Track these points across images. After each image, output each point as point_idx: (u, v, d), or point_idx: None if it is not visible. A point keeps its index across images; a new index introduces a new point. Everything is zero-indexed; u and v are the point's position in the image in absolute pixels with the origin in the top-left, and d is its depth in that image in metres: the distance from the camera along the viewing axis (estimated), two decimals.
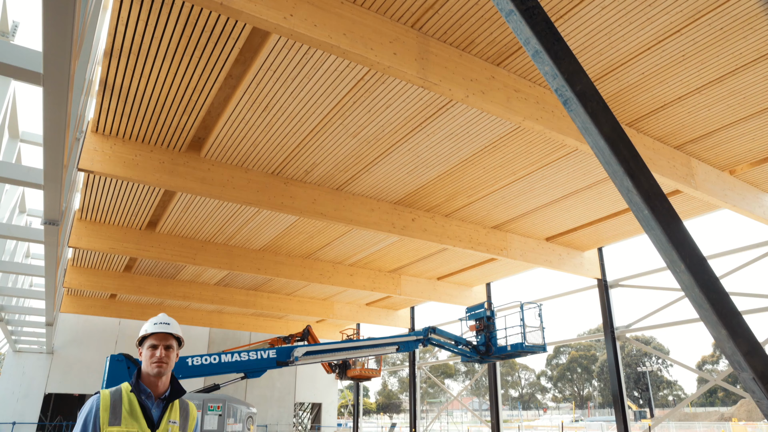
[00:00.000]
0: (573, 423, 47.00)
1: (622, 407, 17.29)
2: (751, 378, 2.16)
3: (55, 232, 9.13)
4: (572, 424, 44.20)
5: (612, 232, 17.01)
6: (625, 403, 17.44)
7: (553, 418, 54.77)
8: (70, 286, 19.37)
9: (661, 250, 1.94)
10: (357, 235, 16.84)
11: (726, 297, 2.11)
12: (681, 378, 74.48)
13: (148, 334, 2.55)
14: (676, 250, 1.88)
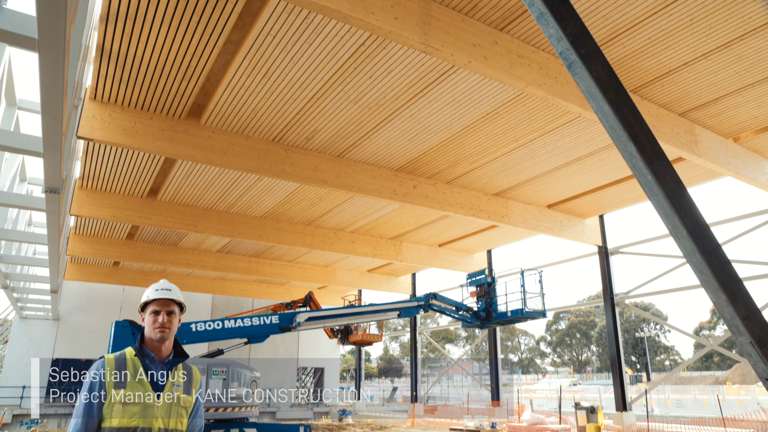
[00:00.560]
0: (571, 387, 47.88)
1: (620, 372, 17.57)
2: (749, 342, 2.19)
3: (56, 200, 9.13)
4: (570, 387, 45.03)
5: (614, 199, 16.98)
6: (623, 368, 17.73)
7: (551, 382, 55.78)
8: (74, 254, 19.48)
9: (664, 216, 1.94)
10: (358, 202, 16.83)
11: (726, 263, 2.11)
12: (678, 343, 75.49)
13: (150, 300, 2.57)
14: (679, 216, 1.88)
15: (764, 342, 2.20)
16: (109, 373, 2.39)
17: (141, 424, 2.33)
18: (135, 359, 2.48)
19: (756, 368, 2.38)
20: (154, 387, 2.44)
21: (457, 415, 22.95)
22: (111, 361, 2.44)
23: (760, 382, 44.14)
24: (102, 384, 2.36)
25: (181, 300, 2.64)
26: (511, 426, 17.62)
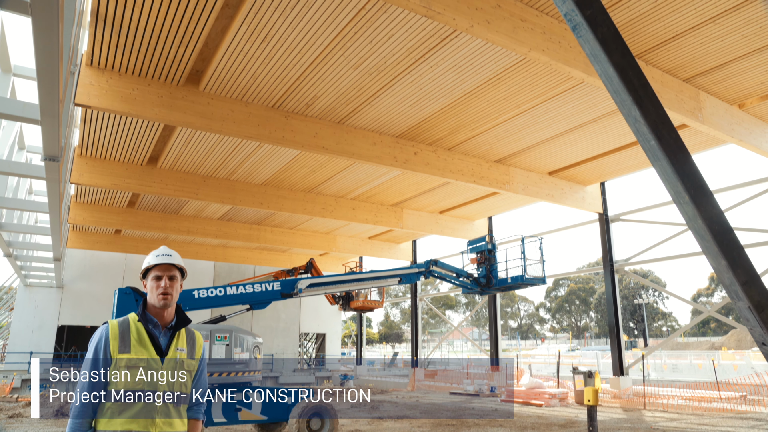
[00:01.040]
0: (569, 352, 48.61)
1: (618, 337, 17.81)
2: (747, 307, 2.21)
3: (55, 169, 9.10)
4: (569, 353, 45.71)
5: (615, 166, 16.91)
6: (621, 334, 17.96)
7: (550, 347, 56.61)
8: (75, 222, 19.53)
9: (666, 182, 1.92)
10: (359, 168, 16.78)
11: (728, 229, 2.11)
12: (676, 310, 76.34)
13: (152, 266, 2.59)
14: (682, 181, 1.86)
15: (762, 307, 2.21)
16: (113, 339, 2.42)
17: (146, 387, 2.37)
18: (138, 324, 2.50)
19: (753, 333, 2.41)
20: (157, 351, 2.47)
21: (456, 380, 23.37)
22: (114, 326, 2.46)
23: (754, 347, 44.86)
24: (107, 349, 2.40)
25: (182, 265, 2.65)
26: (510, 390, 17.96)
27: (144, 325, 2.50)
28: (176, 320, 2.59)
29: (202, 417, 2.63)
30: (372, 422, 12.61)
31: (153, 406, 2.37)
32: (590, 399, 2.70)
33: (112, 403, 2.33)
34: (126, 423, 2.31)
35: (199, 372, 2.63)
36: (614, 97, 2.00)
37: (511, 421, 12.79)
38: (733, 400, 15.25)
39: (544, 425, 12.08)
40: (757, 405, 14.61)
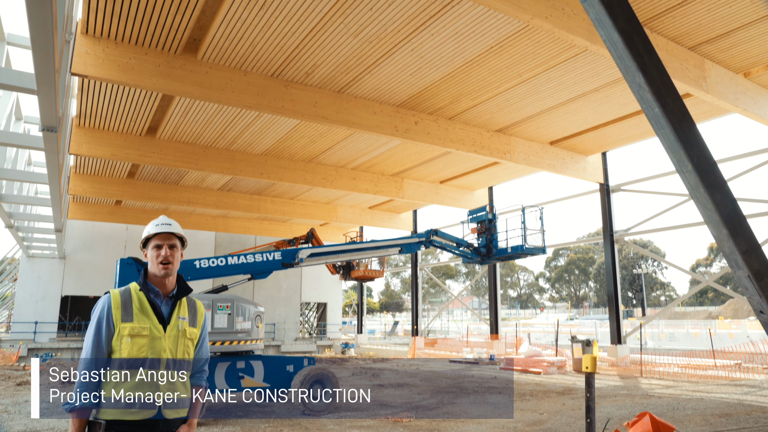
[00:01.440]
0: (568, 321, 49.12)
1: (617, 307, 17.97)
2: (747, 276, 2.21)
3: (54, 139, 9.04)
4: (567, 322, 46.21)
5: (617, 136, 16.80)
6: (619, 303, 18.12)
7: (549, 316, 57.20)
8: (75, 193, 19.52)
9: (670, 150, 1.90)
10: (359, 138, 16.68)
11: (730, 197, 2.10)
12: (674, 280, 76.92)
13: (151, 235, 2.59)
14: (685, 149, 1.84)
15: (762, 276, 2.22)
16: (116, 308, 2.44)
17: (150, 355, 2.40)
18: (140, 294, 2.52)
19: (752, 301, 2.42)
20: (159, 320, 2.49)
21: (456, 348, 23.70)
22: (116, 296, 2.48)
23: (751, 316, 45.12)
24: (109, 318, 2.41)
25: (181, 234, 2.65)
26: (509, 358, 18.21)
27: (146, 294, 2.52)
28: (177, 289, 2.61)
29: (204, 383, 2.67)
30: (373, 389, 12.83)
31: (157, 374, 2.40)
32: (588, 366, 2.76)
33: (116, 371, 2.36)
34: (131, 389, 2.34)
35: (200, 340, 2.66)
36: (618, 63, 1.97)
37: (509, 388, 13.01)
38: (728, 367, 15.48)
39: (542, 392, 12.29)
40: (751, 372, 14.83)
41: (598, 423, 7.10)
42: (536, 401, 10.97)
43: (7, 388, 12.22)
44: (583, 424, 8.21)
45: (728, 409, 9.70)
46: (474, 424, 8.62)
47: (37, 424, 8.31)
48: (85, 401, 2.29)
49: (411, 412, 9.76)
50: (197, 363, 2.65)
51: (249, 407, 10.28)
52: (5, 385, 12.79)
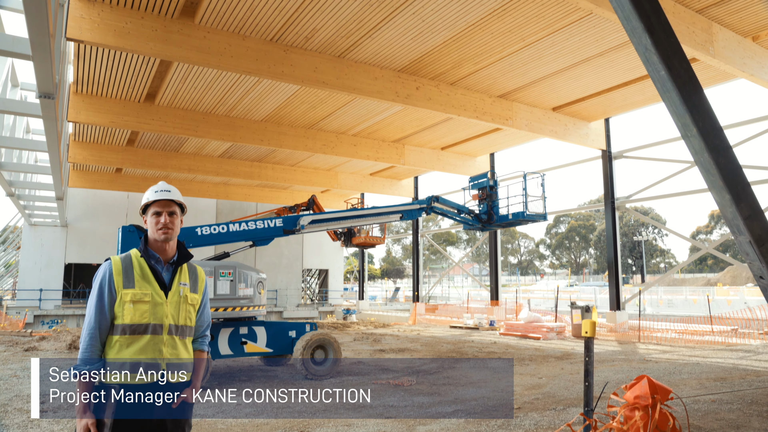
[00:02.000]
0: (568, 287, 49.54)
1: (616, 273, 18.08)
2: (748, 241, 2.21)
3: (51, 106, 8.96)
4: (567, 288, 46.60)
5: (621, 102, 16.60)
6: (619, 270, 18.22)
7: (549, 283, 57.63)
8: (75, 161, 19.46)
9: (675, 114, 1.87)
10: (360, 104, 16.51)
11: (734, 162, 2.08)
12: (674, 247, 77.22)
13: (151, 202, 2.58)
14: (690, 113, 1.81)
15: (763, 241, 2.21)
16: (117, 274, 2.44)
17: (152, 321, 2.42)
18: (141, 260, 2.52)
19: (752, 267, 2.42)
20: (161, 286, 2.50)
21: (457, 314, 23.97)
22: (117, 262, 2.48)
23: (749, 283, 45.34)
24: (111, 284, 2.42)
25: (181, 201, 2.64)
26: (508, 324, 18.42)
27: (146, 261, 2.52)
28: (178, 256, 2.61)
29: (207, 348, 2.71)
30: (374, 354, 13.03)
31: (160, 339, 2.42)
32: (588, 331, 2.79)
33: (119, 336, 2.38)
34: (135, 354, 2.37)
35: (202, 306, 2.68)
36: (625, 24, 1.92)
37: (509, 353, 13.20)
38: (724, 333, 15.66)
39: (541, 357, 12.47)
40: (747, 338, 15.02)
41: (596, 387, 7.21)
42: (535, 366, 11.15)
43: (15, 354, 12.42)
44: (580, 387, 8.36)
45: (723, 373, 9.85)
46: (474, 387, 8.78)
47: (45, 387, 8.46)
48: (90, 366, 2.32)
49: (412, 376, 9.93)
50: (199, 328, 2.67)
51: (252, 372, 10.46)
52: (13, 350, 13.00)
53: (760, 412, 6.73)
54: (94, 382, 2.35)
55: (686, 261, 20.96)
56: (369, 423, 6.31)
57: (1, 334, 16.37)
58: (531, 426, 6.12)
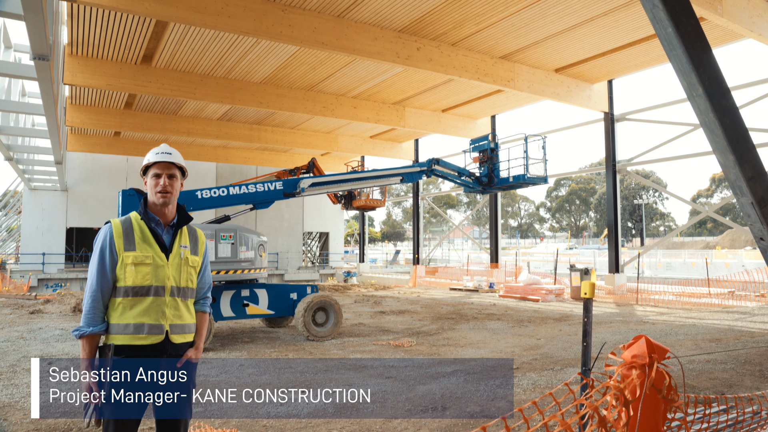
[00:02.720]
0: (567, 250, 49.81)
1: (616, 236, 18.15)
2: (750, 203, 2.20)
3: (46, 68, 8.82)
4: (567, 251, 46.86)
5: (625, 63, 16.34)
6: (619, 233, 18.28)
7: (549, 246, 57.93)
8: (73, 125, 19.30)
9: (681, 73, 1.83)
10: (360, 65, 16.26)
11: (739, 123, 2.05)
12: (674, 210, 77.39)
13: (151, 164, 2.56)
14: (697, 72, 1.77)
15: (765, 203, 2.20)
16: (117, 237, 2.45)
17: (154, 283, 2.43)
18: (141, 222, 2.52)
19: (753, 228, 2.42)
20: (162, 249, 2.51)
21: (457, 276, 24.18)
22: (117, 225, 2.48)
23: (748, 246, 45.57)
24: (112, 247, 2.43)
25: (181, 163, 2.62)
26: (508, 286, 18.60)
27: (146, 223, 2.52)
28: (178, 218, 2.61)
29: (208, 310, 2.74)
30: (375, 316, 13.20)
31: (162, 300, 2.44)
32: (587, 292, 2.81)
33: (122, 299, 2.40)
34: (137, 317, 2.40)
35: (202, 268, 2.71)
36: None
37: (508, 315, 13.37)
38: (721, 295, 15.83)
39: (539, 318, 12.64)
40: (743, 300, 15.19)
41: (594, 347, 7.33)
42: (534, 327, 11.31)
43: (21, 316, 12.59)
44: (578, 348, 8.50)
45: (719, 334, 10.00)
46: (473, 348, 8.92)
47: (52, 349, 8.61)
48: (93, 327, 2.35)
49: (412, 337, 10.08)
50: (200, 290, 2.70)
51: (254, 334, 10.62)
52: (19, 313, 13.17)
53: (753, 372, 6.86)
54: (98, 343, 2.39)
55: (686, 224, 21.04)
56: (370, 383, 6.44)
57: (6, 298, 16.56)
58: (529, 385, 6.25)
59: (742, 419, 3.30)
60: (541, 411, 1.74)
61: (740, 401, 3.39)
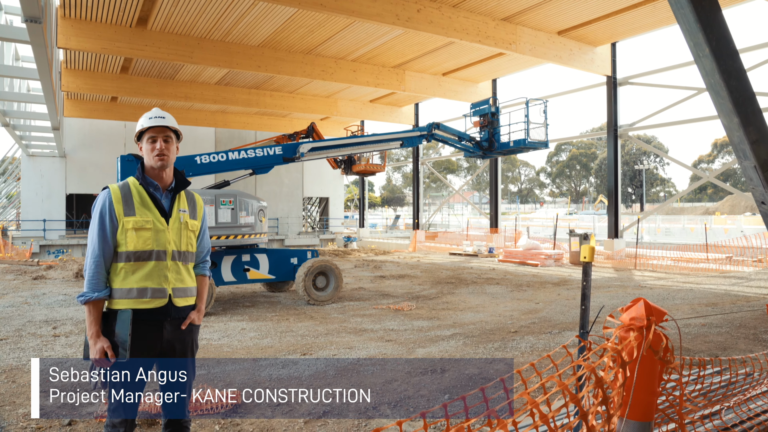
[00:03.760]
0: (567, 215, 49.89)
1: (616, 201, 18.15)
2: (753, 166, 2.18)
3: (39, 31, 8.64)
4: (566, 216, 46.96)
5: (629, 25, 16.02)
6: (619, 198, 18.28)
7: (548, 211, 57.97)
8: (69, 90, 19.07)
9: (687, 33, 1.79)
10: (359, 28, 15.96)
11: (746, 85, 2.01)
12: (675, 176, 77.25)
13: (145, 129, 2.54)
14: (704, 31, 1.73)
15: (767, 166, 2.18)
16: (116, 202, 2.44)
17: (156, 247, 2.44)
18: (139, 187, 2.51)
19: (754, 192, 2.41)
20: (161, 213, 2.51)
21: (456, 241, 24.28)
22: (116, 190, 2.47)
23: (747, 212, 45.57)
24: (111, 212, 2.42)
25: (176, 127, 2.60)
26: (507, 251, 18.70)
27: (145, 188, 2.52)
28: (176, 183, 2.60)
29: (208, 273, 2.77)
30: (375, 280, 13.30)
31: (164, 265, 2.45)
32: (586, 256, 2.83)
33: (124, 263, 2.41)
34: (140, 281, 2.41)
35: (201, 232, 2.72)
36: None
37: (507, 279, 13.47)
38: (719, 260, 15.92)
39: (538, 283, 12.75)
40: (740, 265, 15.28)
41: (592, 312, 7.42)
42: (532, 291, 11.41)
43: (25, 282, 12.69)
44: (576, 312, 8.60)
45: (715, 298, 10.10)
46: (472, 312, 9.02)
47: (56, 314, 8.71)
48: (98, 293, 2.36)
49: (411, 301, 10.19)
50: (200, 254, 2.72)
51: (255, 298, 10.73)
52: (23, 279, 13.27)
53: (747, 335, 6.96)
54: (103, 308, 2.40)
55: (686, 190, 20.95)
56: (370, 346, 6.53)
57: (9, 264, 16.67)
58: (527, 348, 6.34)
59: (735, 380, 3.36)
60: (539, 373, 1.77)
61: (734, 363, 3.44)
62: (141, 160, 2.58)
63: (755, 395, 3.62)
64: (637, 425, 1.71)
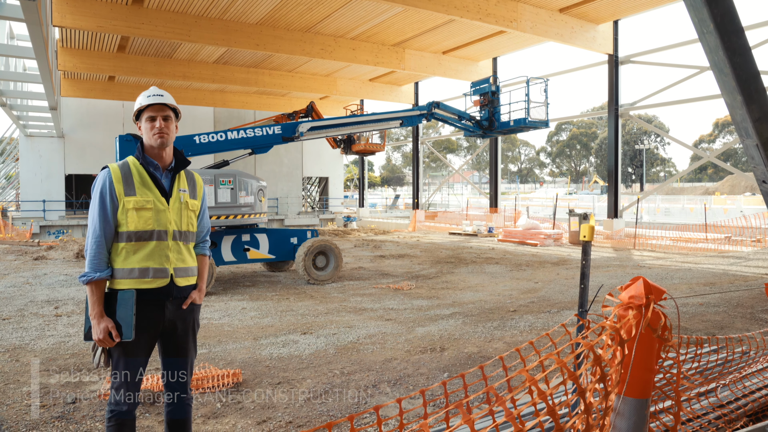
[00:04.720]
0: (567, 195, 49.85)
1: (616, 181, 18.12)
2: (755, 145, 2.17)
3: (33, 8, 8.53)
4: (566, 196, 46.91)
5: (631, 2, 15.86)
6: (619, 178, 18.24)
7: (548, 191, 57.90)
8: (65, 69, 18.89)
9: (691, 8, 1.76)
10: (359, 4, 15.76)
11: (750, 62, 1.99)
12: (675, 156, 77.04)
13: (144, 107, 2.51)
14: (709, 6, 1.70)
15: None
16: (117, 182, 2.42)
17: (156, 227, 2.43)
18: (139, 167, 2.50)
19: (756, 171, 2.40)
20: (162, 193, 2.49)
21: (456, 221, 24.30)
22: (116, 170, 2.46)
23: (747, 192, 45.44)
24: (112, 192, 2.41)
25: (174, 105, 2.57)
26: (507, 231, 18.72)
27: (145, 168, 2.50)
28: (175, 162, 2.59)
29: (208, 252, 2.77)
30: (374, 260, 13.34)
31: (165, 245, 2.45)
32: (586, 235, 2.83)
33: (125, 243, 2.40)
34: (142, 261, 2.40)
35: (201, 211, 2.71)
36: None
37: (506, 259, 13.51)
38: (717, 240, 15.95)
39: (537, 262, 12.78)
40: (739, 245, 15.31)
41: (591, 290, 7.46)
42: (532, 271, 11.45)
43: (26, 263, 12.73)
44: (575, 292, 8.64)
45: (713, 278, 10.14)
46: (471, 291, 9.07)
47: (58, 294, 8.75)
48: (101, 273, 2.36)
49: (411, 280, 10.23)
50: (200, 234, 2.72)
51: (255, 278, 10.77)
52: (23, 259, 13.30)
53: (744, 314, 7.00)
54: (105, 288, 2.40)
55: (686, 169, 20.90)
56: (370, 325, 6.57)
57: (9, 244, 16.70)
58: (526, 327, 6.38)
59: (732, 359, 3.40)
60: (538, 351, 1.78)
61: (730, 342, 3.47)
62: (140, 140, 2.56)
63: (751, 373, 3.66)
64: (635, 402, 1.72)
